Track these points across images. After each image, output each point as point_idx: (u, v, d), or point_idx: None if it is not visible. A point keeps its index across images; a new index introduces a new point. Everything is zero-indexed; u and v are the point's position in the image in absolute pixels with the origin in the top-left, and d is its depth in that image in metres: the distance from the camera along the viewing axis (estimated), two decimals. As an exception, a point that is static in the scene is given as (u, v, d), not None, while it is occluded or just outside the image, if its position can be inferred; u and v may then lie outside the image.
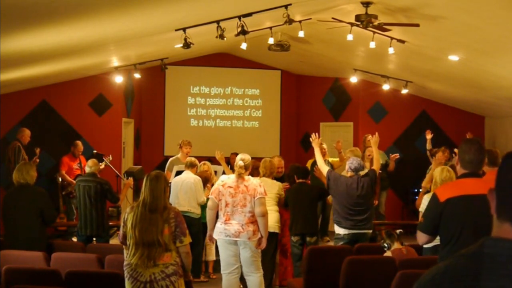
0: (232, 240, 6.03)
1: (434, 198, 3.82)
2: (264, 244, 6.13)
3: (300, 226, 7.35)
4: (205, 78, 13.67)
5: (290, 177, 7.95)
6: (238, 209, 5.99)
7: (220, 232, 6.06)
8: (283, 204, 7.48)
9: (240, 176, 6.05)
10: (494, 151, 5.40)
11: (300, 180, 7.55)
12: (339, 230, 6.80)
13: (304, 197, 7.40)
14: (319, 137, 7.34)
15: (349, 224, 6.74)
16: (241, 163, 6.06)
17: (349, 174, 6.91)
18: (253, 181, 6.11)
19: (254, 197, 5.98)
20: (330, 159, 10.01)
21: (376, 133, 7.28)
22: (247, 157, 6.19)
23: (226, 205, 6.02)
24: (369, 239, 8.23)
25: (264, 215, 6.03)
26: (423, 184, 8.38)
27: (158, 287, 4.46)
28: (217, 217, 6.16)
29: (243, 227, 5.98)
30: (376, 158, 7.13)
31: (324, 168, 7.04)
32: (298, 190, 7.48)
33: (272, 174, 7.49)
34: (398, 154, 10.26)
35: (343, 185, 6.77)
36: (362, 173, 6.91)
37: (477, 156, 3.74)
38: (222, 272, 6.24)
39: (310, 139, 7.31)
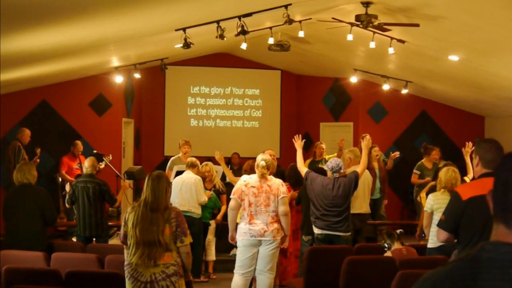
0: (257, 240, 6.06)
1: (456, 197, 3.82)
2: (287, 243, 6.29)
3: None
4: (205, 78, 13.67)
5: (290, 177, 7.95)
6: (262, 209, 6.05)
7: (244, 232, 6.10)
8: (295, 202, 7.52)
9: (263, 176, 6.10)
10: None
11: None
12: (314, 230, 6.81)
13: None
14: (311, 145, 7.31)
15: (323, 224, 6.70)
16: (263, 163, 6.11)
17: (329, 174, 6.86)
18: (275, 181, 6.19)
19: (277, 197, 6.05)
20: (327, 156, 10.03)
21: (367, 136, 7.24)
22: (268, 157, 6.25)
23: (250, 204, 6.07)
24: (369, 239, 8.22)
25: (287, 214, 6.15)
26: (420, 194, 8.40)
27: (158, 287, 4.46)
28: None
29: (267, 226, 6.07)
30: (363, 162, 7.01)
31: (303, 170, 7.02)
32: None
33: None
34: (398, 153, 10.24)
35: (319, 185, 6.72)
36: (337, 174, 6.81)
37: (498, 155, 3.74)
38: (235, 271, 6.24)
39: (293, 139, 7.26)
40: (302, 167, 7.07)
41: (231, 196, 6.32)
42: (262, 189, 6.09)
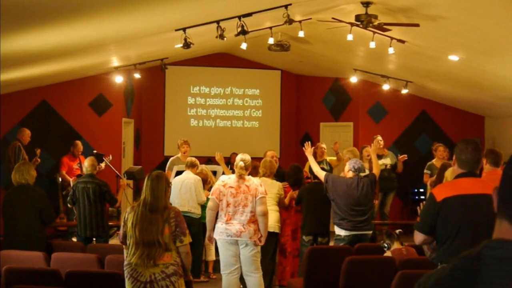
0: (233, 240, 6.04)
1: (431, 198, 3.81)
2: (263, 241, 6.18)
3: (313, 226, 7.34)
4: (205, 78, 13.67)
5: (289, 176, 7.94)
6: (240, 209, 6.01)
7: (221, 232, 6.07)
8: (295, 202, 7.52)
9: (241, 177, 6.07)
10: (498, 151, 5.39)
11: (316, 180, 7.51)
12: (339, 232, 6.78)
13: (318, 197, 7.34)
14: (311, 145, 7.35)
15: (350, 226, 6.71)
16: (241, 163, 6.08)
17: (349, 174, 6.90)
18: (254, 181, 6.14)
19: (255, 197, 6.01)
20: (328, 158, 10.01)
21: (377, 138, 7.29)
22: (247, 158, 6.21)
23: (228, 205, 6.03)
24: (369, 239, 8.19)
25: (265, 214, 6.07)
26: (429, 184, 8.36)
27: (158, 287, 4.46)
28: (216, 217, 6.17)
29: (244, 227, 6.00)
30: (375, 164, 7.14)
31: (321, 173, 7.03)
32: (312, 190, 7.44)
33: (272, 173, 7.49)
34: (406, 156, 10.29)
35: (343, 185, 6.75)
36: (362, 174, 6.91)
37: (473, 156, 3.74)
38: (222, 272, 6.23)
39: (303, 148, 7.33)
40: (320, 172, 7.08)
41: (209, 197, 6.30)
42: (240, 189, 6.04)
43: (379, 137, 9.73)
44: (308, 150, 7.21)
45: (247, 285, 6.26)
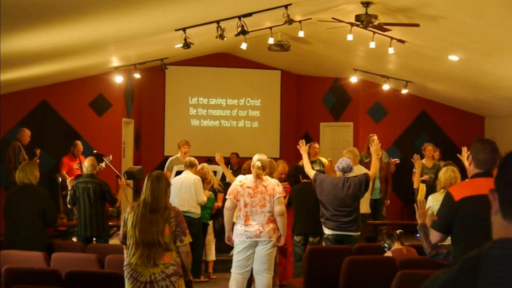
0: (253, 241, 6.07)
1: (448, 197, 3.81)
2: (283, 241, 6.25)
3: (304, 226, 7.34)
4: (205, 78, 13.67)
5: (290, 176, 7.94)
6: (258, 209, 6.04)
7: (240, 234, 6.11)
8: (286, 204, 7.49)
9: (258, 177, 6.09)
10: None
11: (305, 180, 7.52)
12: (325, 230, 6.83)
13: (308, 197, 7.34)
14: (306, 144, 7.35)
15: (333, 225, 6.73)
16: (258, 163, 6.10)
17: (337, 174, 6.88)
18: (271, 181, 6.18)
19: (273, 197, 6.03)
20: (323, 159, 9.99)
21: (375, 140, 7.27)
22: (264, 157, 6.23)
23: (245, 205, 6.06)
24: (369, 239, 8.19)
25: (283, 214, 6.13)
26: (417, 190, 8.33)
27: (158, 287, 4.46)
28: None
29: (263, 227, 6.06)
30: (374, 165, 7.09)
31: (311, 172, 7.04)
32: (302, 190, 7.45)
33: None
34: (398, 160, 10.30)
35: (329, 185, 6.74)
36: (351, 174, 6.86)
37: (491, 156, 3.76)
38: (232, 271, 6.24)
39: (298, 146, 7.33)
40: (310, 171, 7.10)
41: (226, 197, 6.31)
42: (258, 189, 6.07)
43: (375, 137, 9.69)
44: (303, 148, 7.22)
45: (256, 284, 6.26)
